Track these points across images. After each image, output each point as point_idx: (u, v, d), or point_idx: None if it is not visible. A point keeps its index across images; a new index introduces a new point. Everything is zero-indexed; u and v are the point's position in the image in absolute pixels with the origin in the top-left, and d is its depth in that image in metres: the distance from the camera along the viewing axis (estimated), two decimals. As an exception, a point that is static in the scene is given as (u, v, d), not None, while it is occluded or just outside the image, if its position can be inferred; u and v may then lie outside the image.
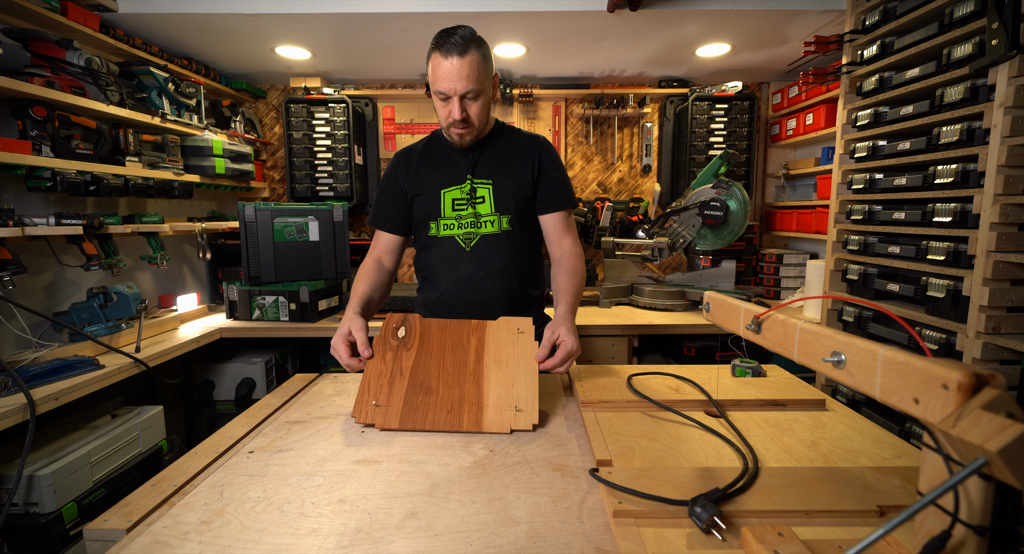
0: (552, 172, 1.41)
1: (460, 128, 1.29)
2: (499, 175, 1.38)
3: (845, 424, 1.00)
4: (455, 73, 1.21)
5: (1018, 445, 0.40)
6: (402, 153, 1.46)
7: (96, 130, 1.87)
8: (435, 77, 1.24)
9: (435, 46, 1.23)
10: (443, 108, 1.28)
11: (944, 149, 1.55)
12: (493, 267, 1.38)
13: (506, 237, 1.39)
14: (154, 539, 0.68)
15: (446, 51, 1.21)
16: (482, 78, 1.25)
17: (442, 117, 1.30)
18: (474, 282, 1.38)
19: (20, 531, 1.33)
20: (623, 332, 2.24)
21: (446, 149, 1.41)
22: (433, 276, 1.43)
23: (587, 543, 0.67)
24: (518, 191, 1.38)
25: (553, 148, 1.44)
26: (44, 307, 1.88)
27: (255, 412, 1.12)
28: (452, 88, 1.23)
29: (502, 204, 1.37)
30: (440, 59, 1.22)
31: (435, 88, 1.25)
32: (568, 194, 1.43)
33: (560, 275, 1.36)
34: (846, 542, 0.62)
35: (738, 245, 2.68)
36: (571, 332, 1.14)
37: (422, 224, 1.42)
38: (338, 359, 1.15)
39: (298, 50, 2.44)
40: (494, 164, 1.39)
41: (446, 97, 1.25)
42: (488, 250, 1.38)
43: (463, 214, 1.38)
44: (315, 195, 2.83)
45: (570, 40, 2.34)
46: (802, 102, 2.66)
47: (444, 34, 1.22)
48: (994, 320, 1.38)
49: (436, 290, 1.43)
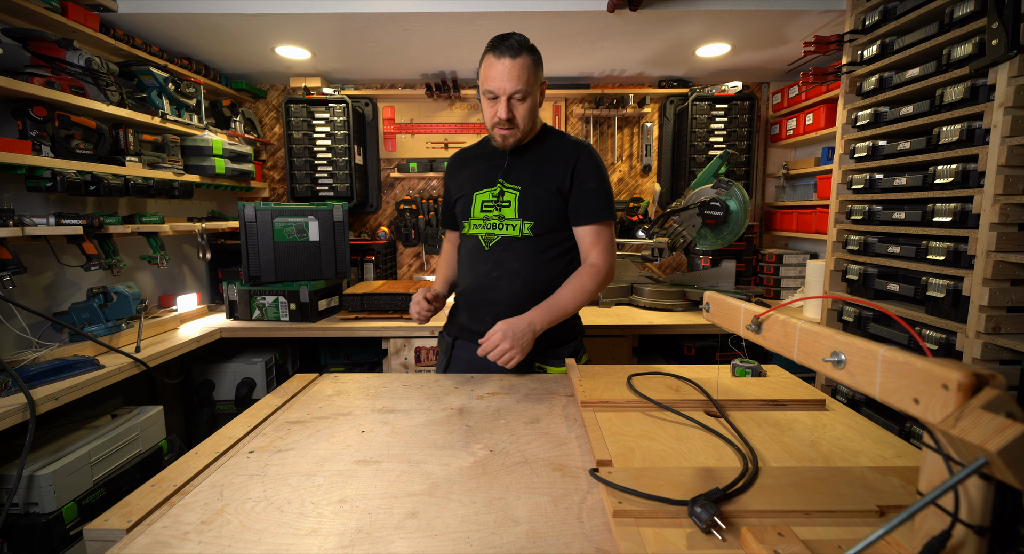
0: (588, 183, 1.37)
1: (504, 128, 1.33)
2: (529, 181, 1.39)
3: (845, 424, 1.00)
4: (506, 73, 1.26)
5: (1018, 445, 0.40)
6: (453, 156, 1.59)
7: (96, 130, 1.87)
8: (486, 77, 1.29)
9: (490, 48, 1.29)
10: (490, 108, 1.32)
11: (944, 149, 1.55)
12: (508, 269, 1.40)
13: (526, 242, 1.39)
14: (154, 539, 0.68)
15: (500, 53, 1.26)
16: (531, 81, 1.29)
17: (488, 117, 1.34)
18: (489, 281, 1.41)
19: (20, 531, 1.33)
20: (623, 332, 2.24)
21: (487, 153, 1.46)
22: (461, 269, 1.52)
23: (587, 543, 0.67)
24: (545, 198, 1.38)
25: (594, 157, 1.39)
26: (44, 307, 1.88)
27: (255, 412, 1.12)
28: (501, 88, 1.27)
29: (526, 210, 1.39)
30: (493, 60, 1.27)
31: (485, 88, 1.30)
32: (601, 207, 1.38)
33: (564, 283, 1.38)
34: (846, 542, 0.62)
35: (738, 245, 2.68)
36: (511, 333, 1.24)
37: (460, 221, 1.50)
38: (412, 308, 1.46)
39: (298, 50, 2.44)
40: (527, 170, 1.40)
41: (494, 97, 1.30)
42: (505, 251, 1.40)
43: (489, 215, 1.42)
44: (315, 195, 2.83)
45: (570, 40, 2.34)
46: (802, 102, 2.66)
47: (499, 38, 1.28)
48: (994, 320, 1.38)
49: (462, 283, 1.51)
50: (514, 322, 1.26)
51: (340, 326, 2.26)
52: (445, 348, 1.53)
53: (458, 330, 1.51)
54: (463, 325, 1.49)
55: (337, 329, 2.26)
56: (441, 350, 1.56)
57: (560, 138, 1.44)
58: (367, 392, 1.24)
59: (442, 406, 1.14)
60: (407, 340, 2.26)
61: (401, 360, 2.28)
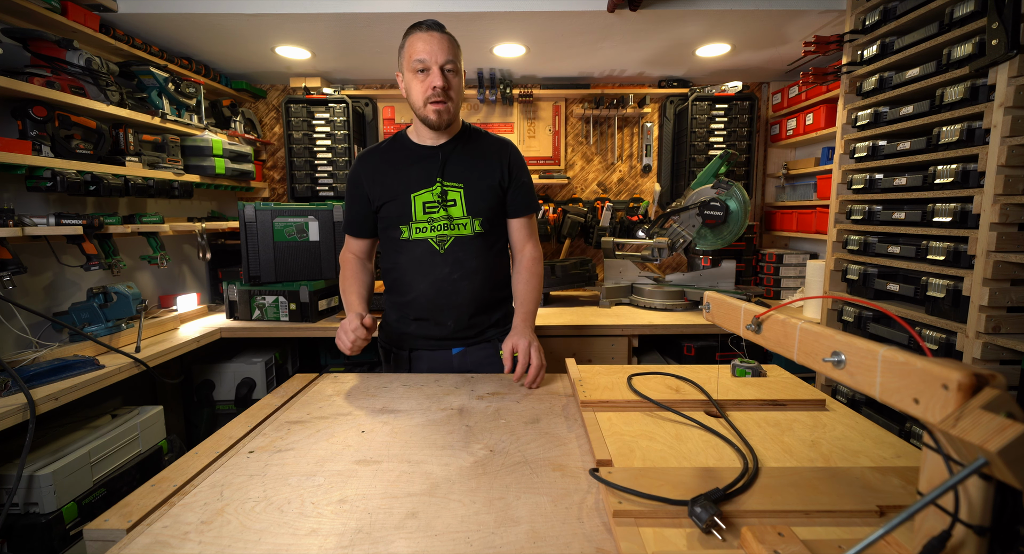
0: (521, 177, 1.46)
1: (440, 101, 1.29)
2: (470, 178, 1.39)
3: (845, 424, 1.00)
4: (436, 44, 1.26)
5: (1018, 445, 0.40)
6: (364, 156, 1.44)
7: (96, 130, 1.87)
8: (414, 50, 1.27)
9: (412, 28, 1.30)
10: (421, 82, 1.29)
11: (944, 149, 1.55)
12: (467, 269, 1.40)
13: (479, 239, 1.41)
14: (154, 539, 0.68)
15: (426, 27, 1.28)
16: (458, 57, 1.31)
17: (418, 93, 1.30)
18: (449, 284, 1.40)
19: (20, 531, 1.33)
20: (623, 332, 2.24)
21: (412, 150, 1.40)
22: (404, 278, 1.43)
23: (587, 543, 0.67)
24: (489, 194, 1.40)
25: (520, 153, 1.49)
26: (44, 307, 1.88)
27: (255, 412, 1.12)
28: (433, 57, 1.26)
29: (474, 207, 1.39)
30: (420, 34, 1.27)
31: (415, 59, 1.27)
32: (534, 199, 1.50)
33: (519, 283, 1.45)
34: (846, 542, 0.62)
35: (738, 245, 2.68)
36: (535, 347, 1.27)
37: (391, 227, 1.41)
38: (343, 339, 1.26)
39: (298, 50, 2.44)
40: (464, 166, 1.40)
41: (424, 69, 1.27)
42: (462, 252, 1.40)
43: (435, 216, 1.38)
44: (315, 195, 2.83)
45: (570, 40, 2.34)
46: (802, 102, 2.66)
47: (420, 22, 1.29)
48: (994, 320, 1.38)
49: (409, 292, 1.42)
50: (530, 342, 1.28)
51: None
52: (401, 361, 1.47)
53: (413, 340, 1.46)
54: (418, 333, 1.45)
55: (337, 329, 2.25)
56: (391, 365, 1.50)
57: (484, 135, 1.47)
58: (367, 392, 1.24)
59: (442, 406, 1.14)
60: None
61: (401, 360, 2.28)
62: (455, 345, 1.46)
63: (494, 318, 1.47)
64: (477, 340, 1.47)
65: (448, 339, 1.45)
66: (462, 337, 1.45)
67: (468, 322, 1.43)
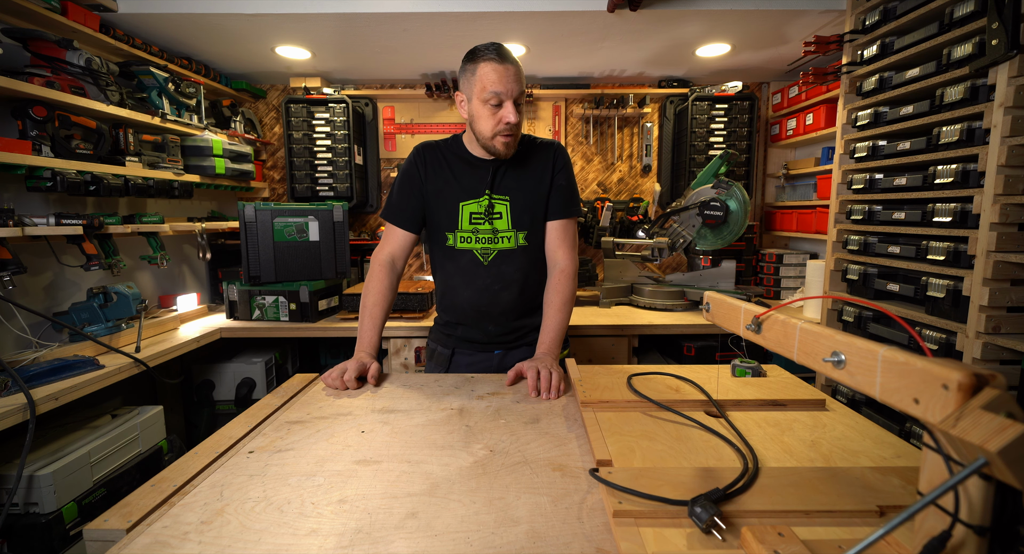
0: (560, 179, 1.43)
1: (510, 135, 1.30)
2: (517, 191, 1.40)
3: (845, 424, 1.00)
4: (511, 78, 1.26)
5: (1018, 445, 0.40)
6: (424, 147, 1.45)
7: (96, 130, 1.87)
8: (489, 82, 1.26)
9: (485, 56, 1.26)
10: (493, 115, 1.28)
11: (944, 149, 1.55)
12: (508, 280, 1.42)
13: (521, 252, 1.42)
14: (154, 539, 0.68)
15: (502, 58, 1.26)
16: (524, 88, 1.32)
17: (489, 127, 1.30)
18: (491, 294, 1.42)
19: (20, 531, 1.33)
20: (623, 332, 2.24)
21: (467, 159, 1.42)
22: (451, 283, 1.47)
23: (587, 543, 0.67)
24: (534, 206, 1.41)
25: (566, 154, 1.46)
26: (44, 307, 1.88)
27: (255, 412, 1.12)
28: (509, 90, 1.26)
29: (519, 220, 1.40)
30: (495, 64, 1.25)
31: (490, 91, 1.26)
32: (573, 203, 1.45)
33: (547, 306, 1.40)
34: (846, 542, 0.62)
35: (738, 245, 2.68)
36: (555, 368, 1.23)
37: (438, 231, 1.43)
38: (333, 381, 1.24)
39: (298, 50, 2.44)
40: (513, 179, 1.40)
41: (499, 103, 1.27)
42: (505, 265, 1.42)
43: (480, 228, 1.40)
44: (315, 195, 2.83)
45: (570, 40, 2.34)
46: (802, 102, 2.66)
47: (493, 46, 1.27)
48: (994, 320, 1.38)
49: (456, 298, 1.47)
50: (544, 361, 1.26)
51: (340, 326, 2.26)
52: (441, 360, 1.52)
53: (456, 342, 1.51)
54: (462, 337, 1.50)
55: (337, 329, 2.26)
56: (435, 361, 1.55)
57: (533, 142, 1.44)
58: (367, 392, 1.24)
59: (442, 406, 1.14)
60: (407, 340, 2.26)
61: (401, 360, 2.28)
62: (497, 348, 1.49)
63: (537, 321, 1.47)
64: (518, 343, 1.49)
65: (490, 343, 1.48)
66: (503, 341, 1.48)
67: (510, 326, 1.47)
